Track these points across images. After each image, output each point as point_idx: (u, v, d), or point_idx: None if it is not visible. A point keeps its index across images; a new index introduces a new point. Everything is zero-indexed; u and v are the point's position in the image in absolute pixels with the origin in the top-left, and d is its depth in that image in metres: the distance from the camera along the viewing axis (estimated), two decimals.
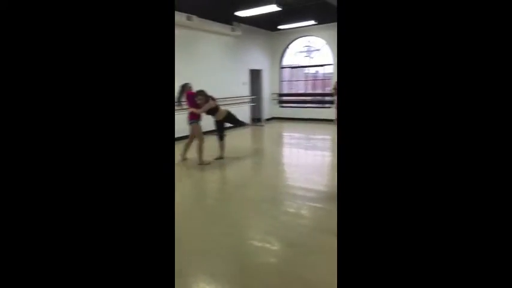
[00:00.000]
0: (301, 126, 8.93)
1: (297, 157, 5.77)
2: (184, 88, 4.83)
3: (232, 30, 7.90)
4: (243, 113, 5.76)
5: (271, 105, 10.20)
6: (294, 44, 9.72)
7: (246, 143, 7.09)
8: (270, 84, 10.10)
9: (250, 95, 9.26)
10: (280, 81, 10.17)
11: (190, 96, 4.72)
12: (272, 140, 7.50)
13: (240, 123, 5.48)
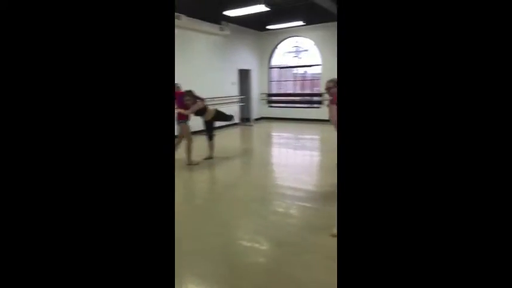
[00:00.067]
0: (290, 126, 8.97)
1: (286, 157, 5.79)
2: None
3: (221, 29, 7.87)
4: (232, 113, 5.74)
5: (260, 105, 10.21)
6: (282, 44, 9.75)
7: (235, 143, 7.08)
8: (258, 84, 10.10)
9: (239, 95, 9.25)
10: (269, 81, 10.19)
11: (179, 96, 4.69)
12: (261, 139, 7.51)
13: (229, 118, 5.45)
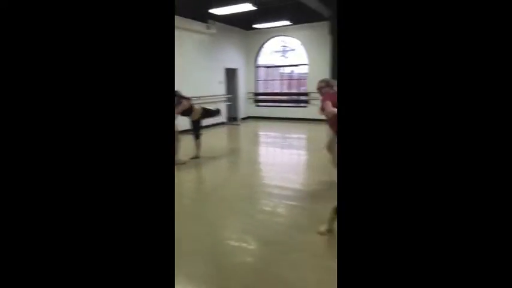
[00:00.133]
0: (277, 125, 9.00)
1: (273, 156, 5.81)
2: None
3: (207, 28, 7.82)
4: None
5: (247, 104, 10.20)
6: (269, 43, 9.77)
7: (222, 142, 7.05)
8: (245, 83, 10.09)
9: (226, 94, 9.22)
10: (256, 81, 10.20)
11: None
12: (248, 139, 7.51)
13: (216, 113, 5.39)
